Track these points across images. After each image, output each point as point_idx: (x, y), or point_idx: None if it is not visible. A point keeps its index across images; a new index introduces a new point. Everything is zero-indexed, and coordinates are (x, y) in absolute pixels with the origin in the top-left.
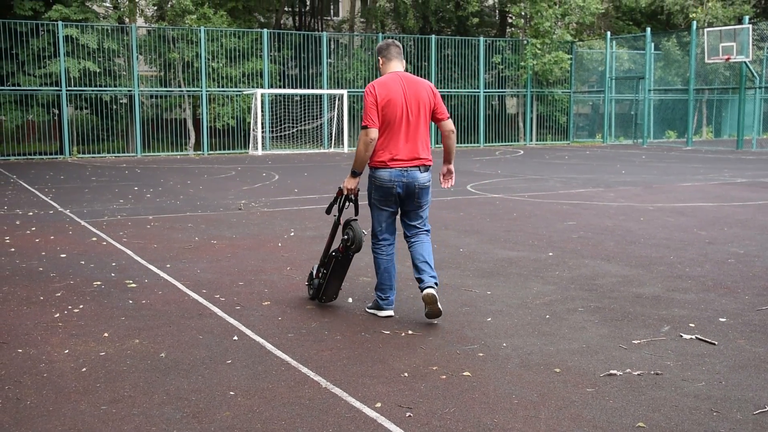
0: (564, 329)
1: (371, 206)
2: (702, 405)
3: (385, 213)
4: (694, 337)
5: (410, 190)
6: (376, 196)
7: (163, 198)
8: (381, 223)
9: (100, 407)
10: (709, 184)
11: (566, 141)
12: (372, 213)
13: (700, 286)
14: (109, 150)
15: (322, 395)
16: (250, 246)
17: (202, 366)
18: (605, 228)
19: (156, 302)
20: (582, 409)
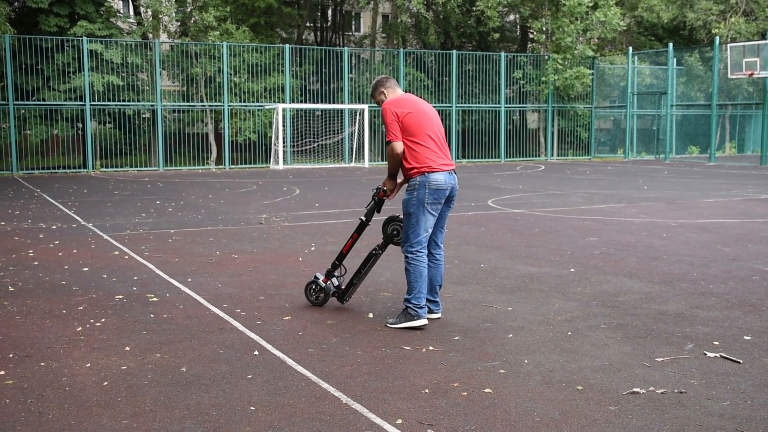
0: (586, 346)
1: (416, 213)
2: (727, 424)
3: (433, 218)
4: (719, 355)
5: (453, 192)
6: (430, 200)
7: (185, 212)
8: (428, 228)
9: (122, 421)
10: (732, 200)
11: (588, 156)
12: (418, 220)
13: (724, 303)
14: (131, 164)
15: (342, 411)
16: (270, 260)
17: (222, 381)
18: (627, 244)
19: (177, 316)
20: (605, 428)
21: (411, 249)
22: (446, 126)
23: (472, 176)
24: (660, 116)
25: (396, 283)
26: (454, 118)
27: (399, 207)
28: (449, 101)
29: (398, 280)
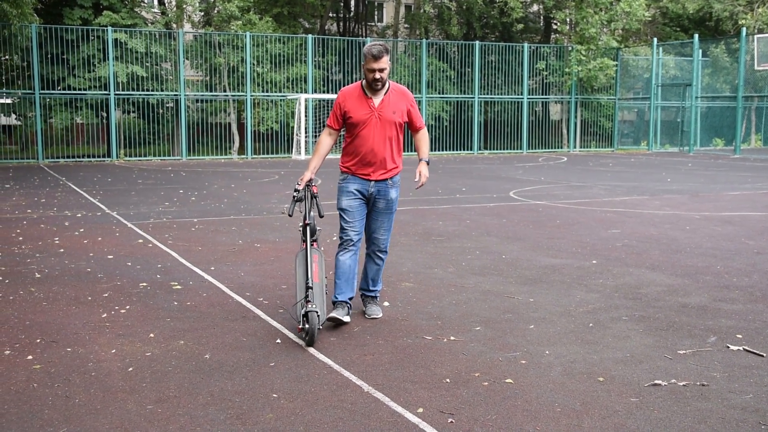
0: (608, 338)
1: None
2: (749, 417)
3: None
4: (742, 349)
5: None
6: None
7: (208, 201)
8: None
9: (146, 407)
10: (757, 193)
11: (611, 148)
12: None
13: (748, 296)
14: (155, 153)
15: (364, 399)
16: (293, 250)
17: (245, 368)
18: (650, 236)
19: (200, 304)
20: (626, 419)
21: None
22: (469, 117)
23: (494, 167)
24: (684, 108)
25: (417, 274)
26: (476, 109)
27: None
28: (472, 92)
29: (420, 270)
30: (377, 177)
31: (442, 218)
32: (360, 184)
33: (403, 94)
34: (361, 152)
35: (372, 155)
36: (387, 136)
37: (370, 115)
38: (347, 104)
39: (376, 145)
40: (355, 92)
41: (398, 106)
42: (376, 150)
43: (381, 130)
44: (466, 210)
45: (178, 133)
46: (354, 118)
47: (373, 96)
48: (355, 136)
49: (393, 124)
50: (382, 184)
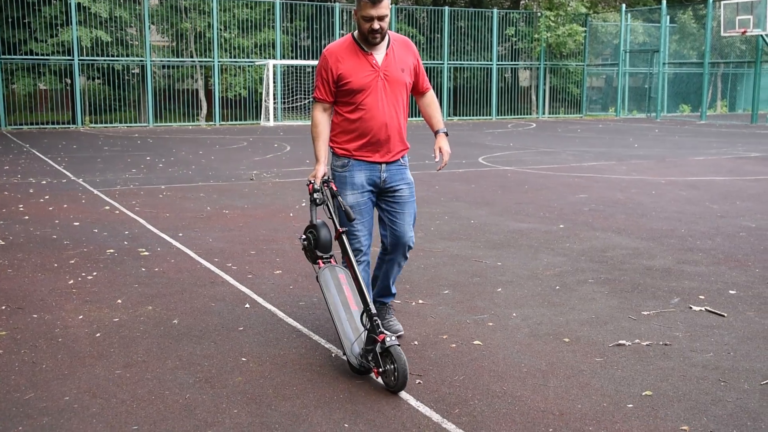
0: (574, 300)
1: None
2: (710, 375)
3: None
4: (704, 309)
5: None
6: None
7: (175, 168)
8: None
9: (115, 371)
10: (722, 158)
11: (579, 114)
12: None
13: (710, 259)
14: (121, 120)
15: (333, 362)
16: (261, 216)
17: (214, 332)
18: (617, 201)
19: (168, 270)
20: (590, 378)
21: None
22: (438, 83)
23: (463, 134)
24: (652, 74)
25: None
26: (445, 76)
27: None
28: (441, 58)
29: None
30: (389, 158)
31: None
32: (368, 172)
33: (406, 45)
34: (367, 128)
35: (381, 131)
36: (396, 102)
37: (374, 77)
38: (341, 65)
39: (385, 115)
40: (348, 49)
41: (405, 62)
42: (386, 122)
43: (389, 95)
44: (435, 176)
45: (144, 99)
46: (353, 82)
47: (374, 51)
48: (355, 107)
49: (402, 85)
50: (395, 166)
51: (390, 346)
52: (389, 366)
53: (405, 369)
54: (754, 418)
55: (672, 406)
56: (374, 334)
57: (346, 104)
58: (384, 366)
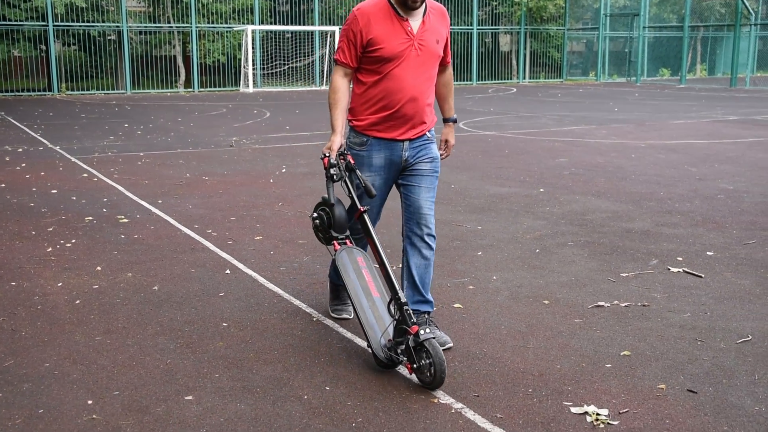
0: (553, 263)
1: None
2: (687, 335)
3: None
4: (682, 270)
5: None
6: None
7: (154, 135)
8: None
9: (95, 338)
10: (701, 121)
11: (559, 79)
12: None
13: (689, 221)
14: (98, 87)
15: (314, 326)
16: (241, 182)
17: (195, 298)
18: (596, 165)
19: (148, 237)
20: (569, 339)
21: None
22: None
23: None
24: (632, 38)
25: None
26: None
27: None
28: None
29: None
30: (412, 135)
31: None
32: (389, 152)
33: (442, 14)
34: (393, 101)
35: (408, 105)
36: (427, 76)
37: (408, 46)
38: (373, 29)
39: (414, 89)
40: (382, 11)
41: (440, 32)
42: (414, 96)
43: (420, 67)
44: None
45: (121, 66)
46: (386, 49)
47: (410, 17)
48: (382, 76)
49: (436, 58)
50: (419, 142)
51: (425, 340)
52: (424, 361)
53: (443, 365)
54: (730, 376)
55: (649, 366)
56: (406, 325)
57: (371, 72)
58: (418, 361)
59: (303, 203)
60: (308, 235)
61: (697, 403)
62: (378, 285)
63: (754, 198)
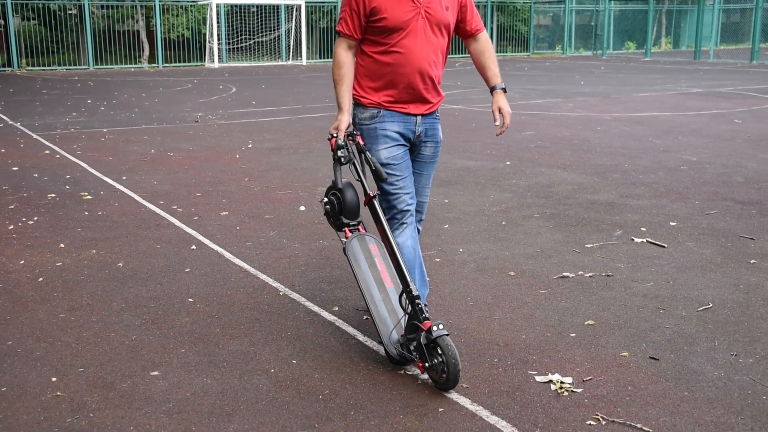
0: (519, 235)
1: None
2: (649, 303)
3: None
4: (645, 241)
5: None
6: None
7: (118, 111)
8: None
9: (59, 315)
10: (666, 94)
11: (526, 53)
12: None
13: (652, 192)
14: (59, 62)
15: (280, 301)
16: (207, 158)
17: (160, 274)
18: (562, 138)
19: (112, 213)
20: (534, 310)
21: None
22: None
23: None
24: (598, 12)
25: None
26: None
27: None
28: None
29: None
30: (424, 110)
31: None
32: (402, 123)
33: None
34: (400, 75)
35: (416, 79)
36: (437, 47)
37: (415, 14)
38: None
39: (422, 60)
40: None
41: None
42: (423, 69)
43: (430, 37)
44: None
45: (83, 41)
46: (390, 19)
47: None
48: (387, 48)
49: (446, 27)
50: (431, 119)
51: (438, 337)
52: (436, 360)
53: (457, 364)
54: (691, 343)
55: (613, 334)
56: (417, 320)
57: (376, 44)
58: (431, 360)
59: (269, 178)
60: (274, 210)
61: (659, 370)
62: (393, 275)
63: (716, 169)
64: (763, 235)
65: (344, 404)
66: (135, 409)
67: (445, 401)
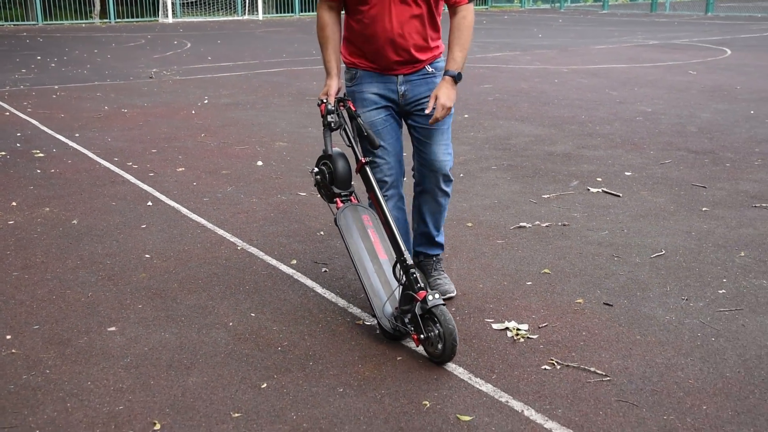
0: (477, 187)
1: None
2: (604, 251)
3: None
4: (601, 191)
5: None
6: None
7: (69, 67)
8: None
9: (12, 273)
10: (622, 46)
11: (485, 6)
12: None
13: (608, 143)
14: (6, 18)
15: (238, 255)
16: (162, 114)
17: (116, 231)
18: (520, 90)
19: (66, 171)
20: (492, 260)
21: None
22: None
23: None
24: None
25: (291, 133)
26: None
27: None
28: None
29: (294, 130)
30: (406, 71)
31: (317, 78)
32: (381, 84)
33: None
34: (373, 45)
35: (391, 49)
36: (413, 16)
37: None
38: None
39: (394, 33)
40: None
41: None
42: (396, 41)
43: (400, 8)
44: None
45: None
46: None
47: None
48: (362, 18)
49: None
50: (417, 76)
51: (433, 307)
52: (433, 332)
53: (453, 335)
54: (644, 289)
55: (568, 282)
56: (412, 291)
57: (352, 11)
58: (426, 332)
59: (226, 134)
60: (231, 166)
61: (613, 315)
62: (387, 246)
63: (671, 120)
64: (715, 183)
65: (303, 355)
66: (92, 364)
67: (404, 350)
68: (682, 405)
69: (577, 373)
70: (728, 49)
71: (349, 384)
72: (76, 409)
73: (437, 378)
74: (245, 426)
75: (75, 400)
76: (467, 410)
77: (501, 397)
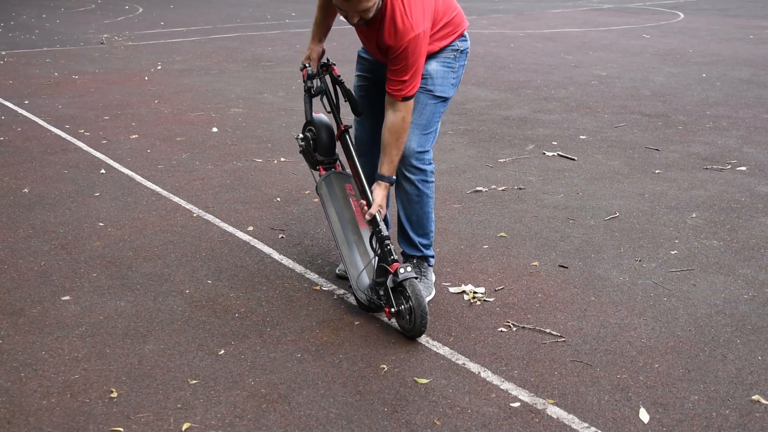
0: (434, 151)
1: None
2: (560, 214)
3: None
4: (556, 154)
5: None
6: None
7: (16, 33)
8: None
9: None
10: (577, 10)
11: None
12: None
13: (564, 107)
14: None
15: (194, 222)
16: (114, 80)
17: (68, 199)
18: (476, 55)
19: (15, 139)
20: (449, 224)
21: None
22: None
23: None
24: None
25: (247, 99)
26: None
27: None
28: None
29: (249, 96)
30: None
31: (272, 44)
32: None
33: (391, 34)
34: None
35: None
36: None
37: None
38: None
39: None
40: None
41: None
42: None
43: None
44: (295, 35)
45: None
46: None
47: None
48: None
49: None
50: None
51: (404, 280)
52: (404, 305)
53: (424, 309)
54: (598, 250)
55: (524, 245)
56: (385, 263)
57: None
58: (397, 305)
59: (180, 100)
60: (186, 132)
61: (568, 277)
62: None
63: (625, 83)
64: (668, 146)
65: (260, 321)
66: (46, 334)
67: (361, 315)
68: (635, 364)
69: (532, 335)
70: (681, 13)
71: (306, 349)
72: (30, 379)
73: (395, 342)
74: (203, 392)
75: (29, 369)
76: (425, 373)
77: (458, 360)
